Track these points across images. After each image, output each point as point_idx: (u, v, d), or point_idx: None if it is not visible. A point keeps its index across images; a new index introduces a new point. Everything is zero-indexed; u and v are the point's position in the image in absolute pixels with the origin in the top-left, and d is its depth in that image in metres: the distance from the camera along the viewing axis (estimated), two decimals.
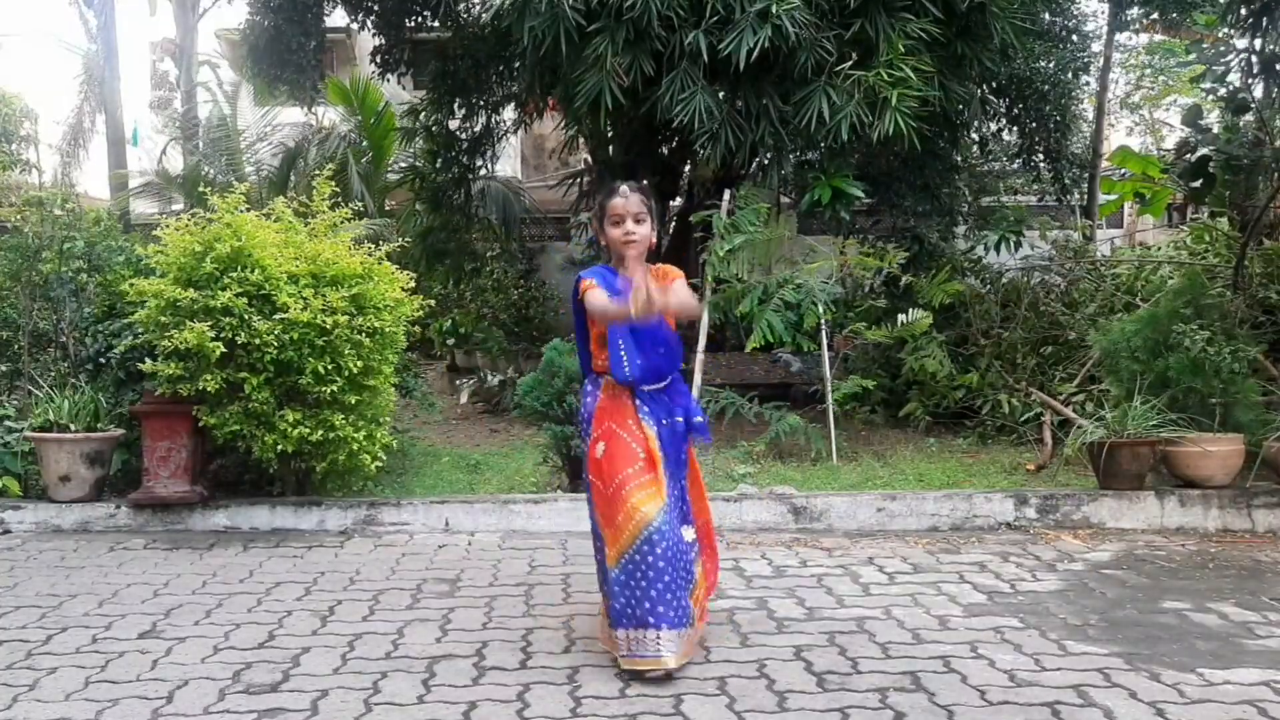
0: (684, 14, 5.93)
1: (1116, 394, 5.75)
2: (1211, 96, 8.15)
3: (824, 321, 6.68)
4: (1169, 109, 18.44)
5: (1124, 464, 5.20)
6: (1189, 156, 7.19)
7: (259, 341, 4.93)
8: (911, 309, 6.94)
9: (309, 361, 5.03)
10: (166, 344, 4.95)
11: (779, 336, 6.35)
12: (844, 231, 8.42)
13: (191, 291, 5.00)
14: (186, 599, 3.93)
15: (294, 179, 11.41)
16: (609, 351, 3.19)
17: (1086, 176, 10.40)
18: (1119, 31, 11.69)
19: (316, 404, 5.18)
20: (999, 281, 8.39)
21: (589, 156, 10.05)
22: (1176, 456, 5.25)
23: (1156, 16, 10.53)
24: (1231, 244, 7.59)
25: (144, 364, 5.19)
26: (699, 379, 6.29)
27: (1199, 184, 7.11)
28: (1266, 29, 6.02)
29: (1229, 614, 3.60)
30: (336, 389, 5.10)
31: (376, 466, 5.44)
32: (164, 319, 5.05)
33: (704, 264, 6.48)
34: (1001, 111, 9.36)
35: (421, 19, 9.28)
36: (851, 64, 6.02)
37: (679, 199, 9.29)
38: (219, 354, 4.89)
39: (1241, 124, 7.02)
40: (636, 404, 3.19)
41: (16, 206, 6.77)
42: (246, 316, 4.95)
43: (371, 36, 9.80)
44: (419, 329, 6.39)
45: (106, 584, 4.17)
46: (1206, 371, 5.50)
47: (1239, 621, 3.51)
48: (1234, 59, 6.70)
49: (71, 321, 6.13)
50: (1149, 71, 18.17)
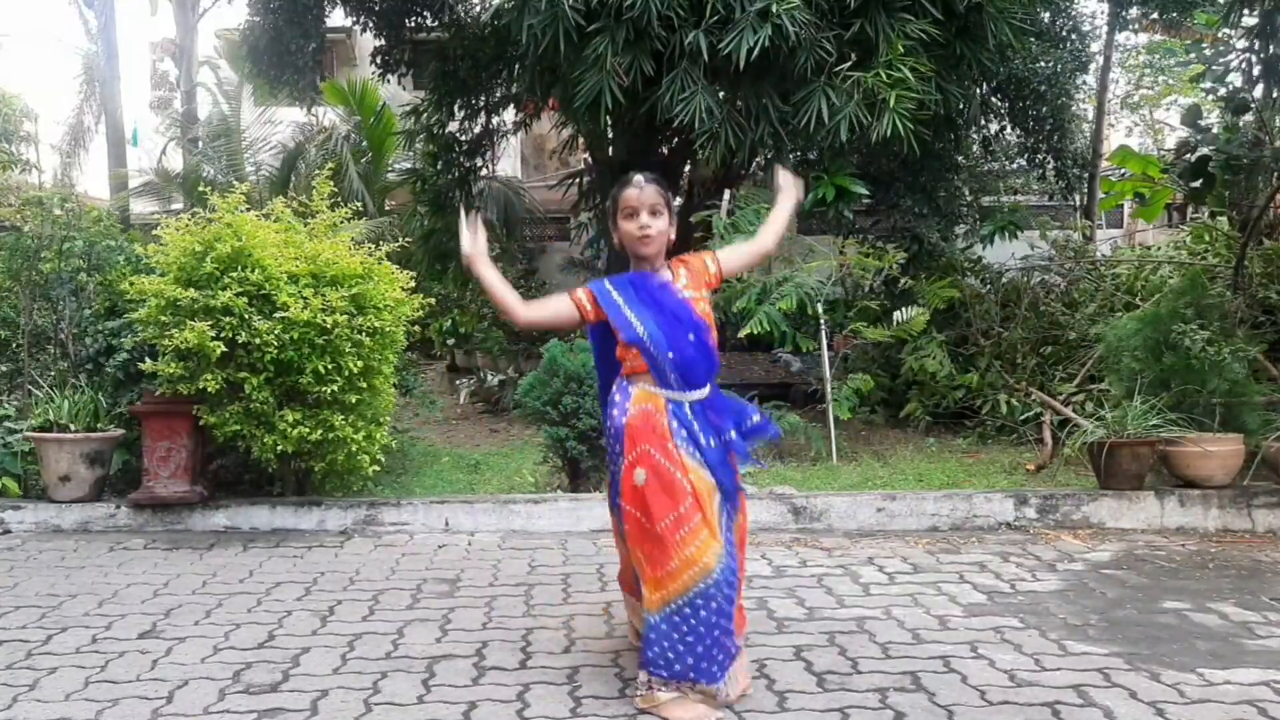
0: (684, 14, 5.93)
1: (1117, 394, 5.75)
2: (1211, 96, 8.14)
3: (824, 321, 6.68)
4: (1169, 109, 18.45)
5: (1124, 464, 5.20)
6: (1189, 156, 7.18)
7: (259, 341, 4.93)
8: (909, 307, 6.94)
9: (309, 361, 5.03)
10: (167, 344, 4.96)
11: (776, 328, 6.35)
12: (843, 231, 8.43)
13: (192, 291, 5.00)
14: (186, 599, 3.93)
15: (294, 179, 11.42)
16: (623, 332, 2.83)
17: (1086, 176, 10.40)
18: (1119, 31, 11.70)
19: (316, 404, 5.18)
20: (999, 281, 8.39)
21: (589, 156, 10.05)
22: (1176, 456, 5.25)
23: (1156, 16, 10.53)
24: (1231, 244, 7.59)
25: (144, 364, 5.19)
26: None
27: (1199, 184, 7.10)
28: (1270, 33, 6.01)
29: (1229, 614, 3.60)
30: (336, 389, 5.10)
31: (375, 469, 5.45)
32: (164, 318, 5.05)
33: None
34: (1002, 111, 9.36)
35: (421, 19, 9.28)
36: (851, 65, 6.02)
37: (679, 199, 9.30)
38: (219, 354, 4.89)
39: (1241, 124, 7.01)
40: (672, 425, 2.78)
41: (16, 206, 6.77)
42: (247, 316, 4.95)
43: (372, 38, 9.80)
44: (419, 329, 6.39)
45: (106, 584, 4.17)
46: (1206, 371, 5.50)
47: (1239, 621, 3.51)
48: (1234, 59, 6.70)
49: (72, 321, 6.13)
50: (1149, 71, 18.19)
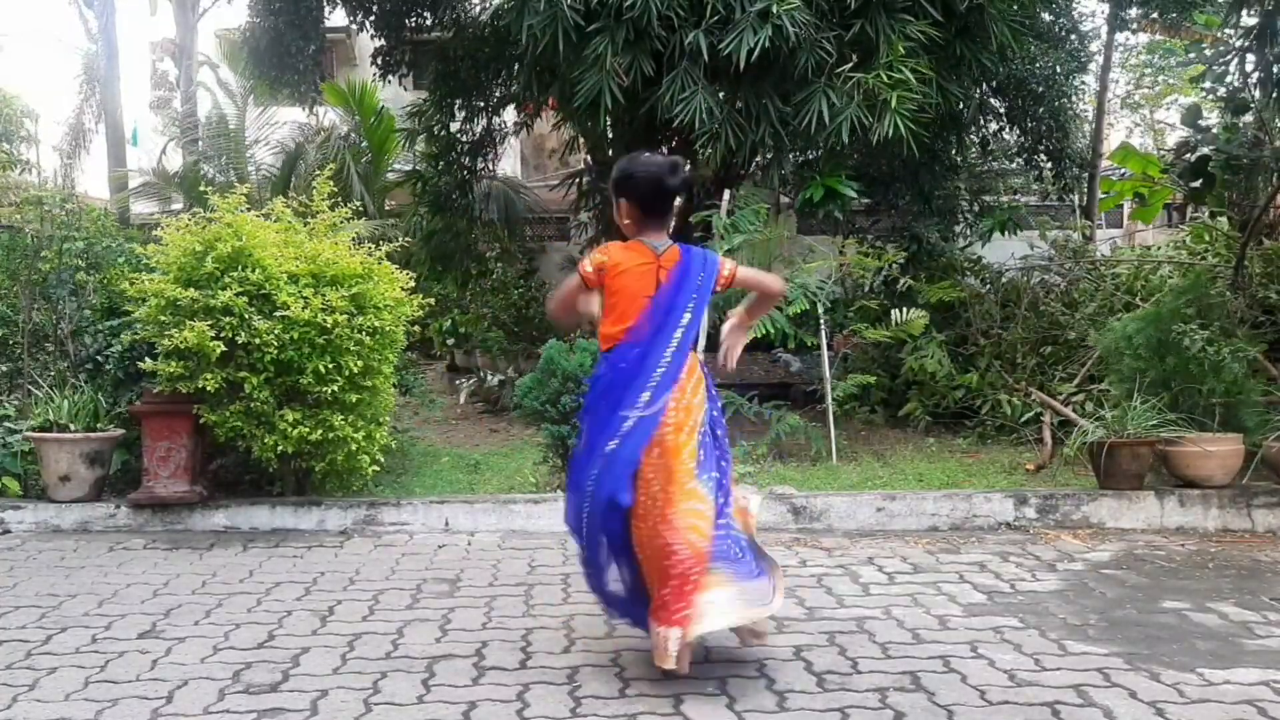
0: (684, 14, 5.93)
1: (1117, 394, 5.75)
2: (1211, 96, 8.14)
3: (824, 321, 6.68)
4: (1169, 109, 18.45)
5: (1124, 464, 5.20)
6: (1189, 156, 7.18)
7: (259, 341, 4.93)
8: (909, 308, 6.94)
9: (309, 361, 5.03)
10: (167, 343, 4.96)
11: (778, 328, 6.35)
12: (843, 231, 8.43)
13: (192, 291, 5.01)
14: (186, 599, 3.93)
15: (294, 179, 11.43)
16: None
17: (1086, 176, 10.40)
18: (1119, 31, 11.70)
19: (316, 404, 5.18)
20: (999, 281, 8.39)
21: (589, 156, 10.05)
22: (1176, 456, 5.25)
23: (1156, 16, 10.53)
24: (1231, 244, 7.59)
25: (144, 363, 5.19)
26: None
27: (1199, 184, 7.10)
28: (1270, 34, 6.01)
29: (1229, 614, 3.60)
30: (337, 389, 5.10)
31: (375, 469, 5.45)
32: (164, 318, 5.05)
33: None
34: (1001, 111, 9.37)
35: (421, 19, 9.28)
36: (851, 66, 6.02)
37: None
38: (219, 353, 4.90)
39: (1241, 124, 7.01)
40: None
41: (16, 206, 6.77)
42: (247, 316, 4.95)
43: (371, 38, 9.80)
44: (419, 329, 6.39)
45: (106, 584, 4.16)
46: (1206, 371, 5.50)
47: (1239, 621, 3.51)
48: (1234, 59, 6.69)
49: (71, 320, 6.13)
50: (1149, 71, 18.19)
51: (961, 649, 3.24)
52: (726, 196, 6.59)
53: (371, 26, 9.33)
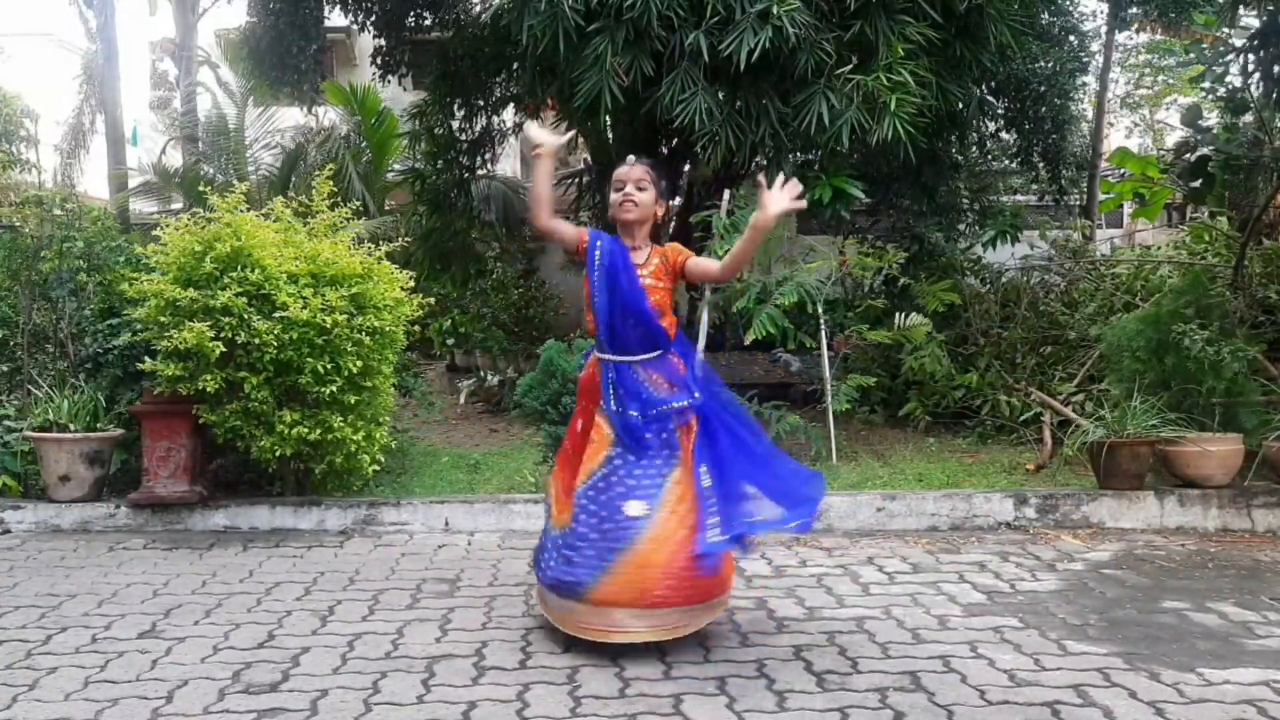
0: (684, 14, 5.93)
1: (1116, 394, 5.75)
2: (1211, 96, 8.14)
3: (824, 321, 6.68)
4: (1169, 109, 18.44)
5: (1124, 464, 5.20)
6: (1188, 156, 7.19)
7: (259, 341, 4.93)
8: (909, 313, 6.94)
9: (309, 361, 5.03)
10: (166, 344, 4.96)
11: (778, 328, 6.35)
12: (843, 231, 8.42)
13: (191, 291, 5.00)
14: (186, 599, 3.93)
15: (294, 179, 11.42)
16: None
17: (1085, 176, 10.40)
18: (1118, 31, 11.69)
19: (316, 404, 5.18)
20: (999, 281, 8.39)
21: (589, 157, 10.05)
22: (1176, 456, 5.25)
23: (1156, 16, 10.52)
24: (1231, 244, 7.60)
25: (143, 363, 5.19)
26: None
27: (1199, 184, 7.11)
28: (1270, 34, 6.01)
29: (1229, 614, 3.60)
30: (336, 389, 5.10)
31: (374, 469, 5.44)
32: (164, 319, 5.05)
33: None
34: (1000, 112, 9.35)
35: (421, 19, 9.27)
36: (851, 67, 6.02)
37: (679, 199, 9.30)
38: (219, 354, 4.89)
39: (1241, 124, 7.02)
40: (607, 390, 3.27)
41: (16, 206, 6.77)
42: (246, 316, 4.95)
43: (371, 38, 9.79)
44: (419, 329, 6.38)
45: (106, 584, 4.17)
46: (1206, 371, 5.50)
47: (1239, 621, 3.51)
48: (1233, 59, 6.70)
49: (71, 320, 6.13)
50: (1149, 71, 18.18)
51: (961, 649, 3.24)
52: (726, 196, 6.59)
53: (371, 26, 9.32)
